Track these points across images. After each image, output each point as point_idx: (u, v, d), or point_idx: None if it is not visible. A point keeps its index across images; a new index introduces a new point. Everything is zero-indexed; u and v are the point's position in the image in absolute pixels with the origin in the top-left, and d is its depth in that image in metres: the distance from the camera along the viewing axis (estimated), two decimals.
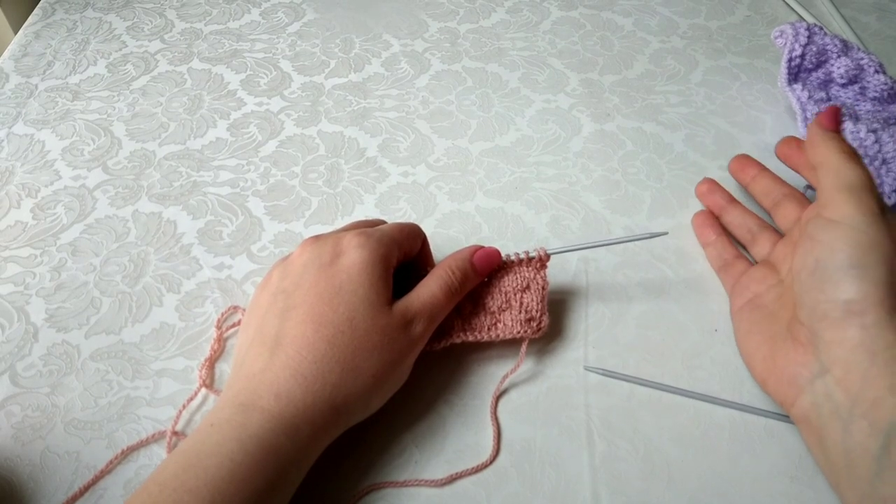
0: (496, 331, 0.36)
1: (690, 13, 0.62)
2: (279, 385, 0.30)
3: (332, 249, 0.33)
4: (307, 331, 0.31)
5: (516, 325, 0.36)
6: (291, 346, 0.31)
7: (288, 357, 0.31)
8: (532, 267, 0.37)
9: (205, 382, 0.36)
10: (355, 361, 0.31)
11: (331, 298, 0.32)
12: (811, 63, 0.49)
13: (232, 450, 0.28)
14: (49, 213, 0.45)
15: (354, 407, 0.32)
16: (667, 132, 0.51)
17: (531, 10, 0.62)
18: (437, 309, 0.34)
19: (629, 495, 0.33)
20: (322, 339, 0.31)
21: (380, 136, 0.50)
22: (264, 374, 0.31)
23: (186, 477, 0.27)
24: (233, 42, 0.58)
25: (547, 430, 0.35)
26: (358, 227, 0.38)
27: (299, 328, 0.31)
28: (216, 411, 0.30)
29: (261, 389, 0.30)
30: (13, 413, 0.36)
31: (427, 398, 0.36)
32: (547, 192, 0.47)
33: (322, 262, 0.33)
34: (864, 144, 0.43)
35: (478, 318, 0.37)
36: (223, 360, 0.38)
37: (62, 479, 0.33)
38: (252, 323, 0.34)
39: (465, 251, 0.37)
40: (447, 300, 0.35)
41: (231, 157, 0.49)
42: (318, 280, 0.32)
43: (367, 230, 0.35)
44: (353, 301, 0.32)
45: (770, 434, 0.35)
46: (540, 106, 0.53)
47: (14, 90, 0.54)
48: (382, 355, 0.32)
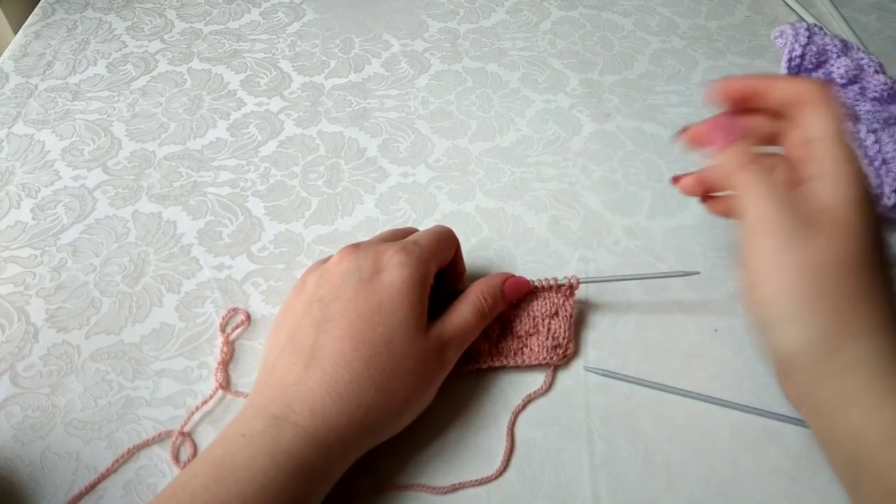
0: (522, 356, 0.37)
1: (690, 13, 0.62)
2: (314, 401, 0.30)
3: (373, 264, 0.33)
4: (345, 348, 0.31)
5: (542, 350, 0.37)
6: (328, 362, 0.30)
7: (324, 372, 0.30)
8: (561, 294, 0.38)
9: (221, 385, 0.36)
10: (390, 384, 0.31)
11: (370, 316, 0.31)
12: (811, 63, 0.49)
13: (265, 465, 0.28)
14: (49, 214, 0.45)
15: (384, 428, 0.32)
16: (667, 132, 0.51)
17: (531, 10, 0.62)
18: (468, 335, 0.35)
19: (629, 495, 0.33)
20: (359, 358, 0.30)
21: (380, 136, 0.50)
22: (298, 387, 0.30)
23: (218, 489, 0.27)
24: (233, 42, 0.58)
25: (547, 430, 0.35)
26: (395, 236, 0.37)
27: (336, 344, 0.31)
28: (247, 420, 0.30)
29: (295, 403, 0.30)
30: (13, 413, 0.36)
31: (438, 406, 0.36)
32: (547, 192, 0.47)
33: (362, 276, 0.32)
34: (864, 144, 0.43)
35: (505, 341, 0.37)
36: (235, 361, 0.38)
37: (62, 479, 0.33)
38: (284, 328, 0.33)
39: (497, 278, 0.36)
40: (478, 326, 0.35)
41: (231, 158, 0.49)
42: (358, 295, 0.32)
43: (407, 245, 0.34)
44: (392, 322, 0.31)
45: (770, 434, 0.35)
46: (540, 106, 0.53)
47: (14, 90, 0.54)
48: (416, 379, 0.32)
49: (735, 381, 0.37)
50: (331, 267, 0.34)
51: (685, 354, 0.38)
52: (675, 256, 0.43)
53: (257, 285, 0.41)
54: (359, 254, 0.33)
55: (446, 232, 0.37)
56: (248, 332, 0.39)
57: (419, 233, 0.37)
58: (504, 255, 0.43)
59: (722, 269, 0.42)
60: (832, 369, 0.28)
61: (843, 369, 0.28)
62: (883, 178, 0.42)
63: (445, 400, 0.35)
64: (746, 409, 0.36)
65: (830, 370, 0.28)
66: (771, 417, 0.35)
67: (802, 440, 0.34)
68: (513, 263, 0.42)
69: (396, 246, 0.34)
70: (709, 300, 0.41)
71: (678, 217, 0.45)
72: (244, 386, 0.37)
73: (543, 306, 0.37)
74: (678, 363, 0.38)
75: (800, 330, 0.29)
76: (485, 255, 0.43)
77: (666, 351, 0.38)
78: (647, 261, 0.42)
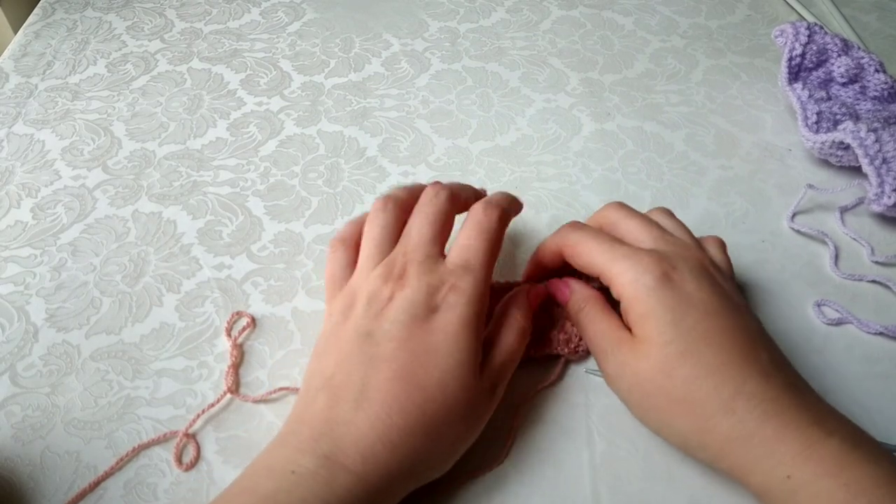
0: (540, 348, 0.37)
1: (691, 12, 0.62)
2: (366, 446, 0.28)
3: (427, 300, 0.31)
4: (398, 392, 0.29)
5: (556, 343, 0.37)
6: (380, 406, 0.29)
7: (376, 417, 0.29)
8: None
9: (230, 389, 0.36)
10: (441, 429, 0.30)
11: (426, 359, 0.30)
12: (811, 62, 0.49)
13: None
14: (49, 213, 0.45)
15: (431, 472, 0.31)
16: (667, 131, 0.51)
17: (531, 9, 0.62)
18: (515, 364, 0.34)
19: (629, 495, 0.33)
20: (413, 403, 0.29)
21: (380, 135, 0.50)
22: (348, 427, 0.29)
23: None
24: (233, 42, 0.58)
25: (547, 430, 0.35)
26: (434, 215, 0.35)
27: (388, 385, 0.29)
28: (294, 453, 0.29)
29: (345, 445, 0.29)
30: (13, 413, 0.36)
31: None
32: (547, 191, 0.47)
33: (416, 314, 0.31)
34: (864, 144, 0.43)
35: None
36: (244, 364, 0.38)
37: (62, 479, 0.33)
38: (331, 357, 0.32)
39: (522, 296, 0.36)
40: (521, 350, 0.34)
41: (231, 157, 0.49)
42: (413, 336, 0.30)
43: (463, 281, 0.32)
44: (448, 364, 0.30)
45: None
46: (540, 105, 0.53)
47: (14, 90, 0.54)
48: (468, 423, 0.31)
49: None
50: (381, 299, 0.32)
51: None
52: None
53: (257, 285, 0.41)
54: (412, 286, 0.32)
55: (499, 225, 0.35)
56: (253, 335, 0.39)
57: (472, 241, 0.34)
58: (504, 254, 0.43)
59: None
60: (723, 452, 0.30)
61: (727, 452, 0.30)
62: (883, 177, 0.42)
63: None
64: None
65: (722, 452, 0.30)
66: None
67: None
68: (513, 263, 0.42)
69: (451, 279, 0.32)
70: None
71: (678, 216, 0.45)
72: (247, 388, 0.37)
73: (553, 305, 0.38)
74: None
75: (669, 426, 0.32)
76: None
77: None
78: None
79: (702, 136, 0.50)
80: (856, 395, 0.36)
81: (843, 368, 0.37)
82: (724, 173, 0.48)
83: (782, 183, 0.47)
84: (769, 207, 0.46)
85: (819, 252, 0.43)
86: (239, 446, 0.34)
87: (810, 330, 0.39)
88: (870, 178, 0.43)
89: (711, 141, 0.50)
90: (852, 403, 0.36)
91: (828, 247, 0.43)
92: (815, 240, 0.44)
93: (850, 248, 0.43)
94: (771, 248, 0.43)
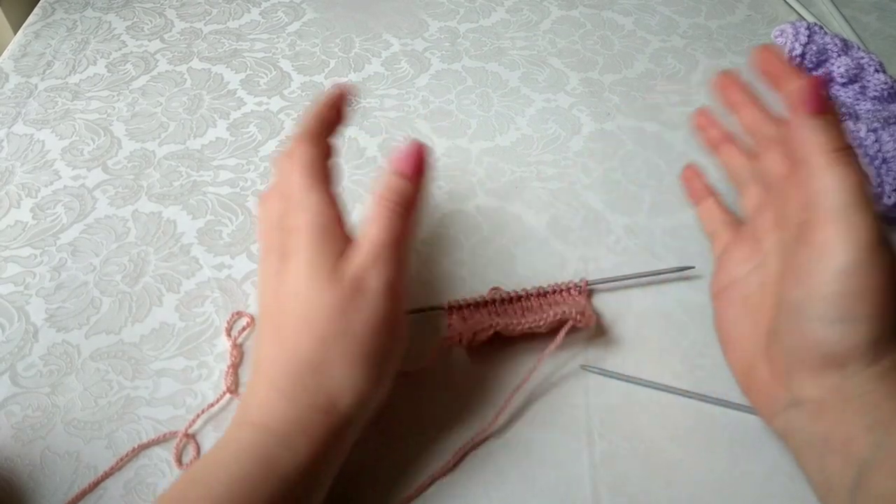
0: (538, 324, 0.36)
1: (691, 12, 0.62)
2: (262, 398, 0.30)
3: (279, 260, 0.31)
4: (265, 334, 0.31)
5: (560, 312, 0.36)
6: (265, 363, 0.30)
7: (256, 368, 0.31)
8: (572, 295, 0.39)
9: (230, 388, 0.36)
10: (322, 355, 0.29)
11: (281, 300, 0.30)
12: (811, 62, 0.49)
13: (229, 464, 0.28)
14: (49, 213, 0.45)
15: (347, 405, 0.29)
16: (667, 131, 0.51)
17: (531, 9, 0.62)
18: (386, 249, 0.29)
19: (629, 495, 0.33)
20: (272, 329, 0.30)
21: (380, 135, 0.50)
22: (252, 389, 0.31)
23: (191, 494, 0.27)
24: (232, 41, 0.58)
25: (547, 430, 0.35)
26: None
27: (266, 347, 0.31)
28: (226, 431, 0.30)
29: (250, 405, 0.30)
30: (13, 413, 0.36)
31: (428, 397, 0.36)
32: (547, 191, 0.47)
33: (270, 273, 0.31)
34: (864, 144, 0.43)
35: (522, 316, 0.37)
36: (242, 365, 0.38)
37: (62, 479, 0.33)
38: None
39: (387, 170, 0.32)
40: (394, 232, 0.30)
41: (231, 157, 0.49)
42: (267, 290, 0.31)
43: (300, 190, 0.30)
44: (297, 271, 0.29)
45: (770, 434, 0.35)
46: (540, 105, 0.53)
47: (14, 90, 0.54)
48: (348, 338, 0.29)
49: (735, 381, 0.37)
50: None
51: (685, 354, 0.38)
52: (675, 256, 0.43)
53: (257, 285, 0.41)
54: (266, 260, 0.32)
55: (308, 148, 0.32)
56: (253, 335, 0.39)
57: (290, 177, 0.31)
58: (504, 254, 0.43)
59: None
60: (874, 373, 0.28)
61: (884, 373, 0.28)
62: (883, 177, 0.42)
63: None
64: (746, 410, 0.36)
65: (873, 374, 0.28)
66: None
67: None
68: (513, 263, 0.42)
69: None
70: (709, 300, 0.40)
71: (678, 216, 0.45)
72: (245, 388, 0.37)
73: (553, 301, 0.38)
74: (678, 363, 0.38)
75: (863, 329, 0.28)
76: (485, 254, 0.43)
77: (666, 351, 0.38)
78: (647, 260, 0.42)
79: None
80: None
81: None
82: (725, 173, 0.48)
83: None
84: None
85: None
86: None
87: None
88: (870, 178, 0.43)
89: None
90: None
91: None
92: None
93: None
94: None
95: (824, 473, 0.29)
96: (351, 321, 0.29)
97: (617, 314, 0.40)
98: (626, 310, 0.40)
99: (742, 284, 0.34)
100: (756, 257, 0.34)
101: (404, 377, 0.37)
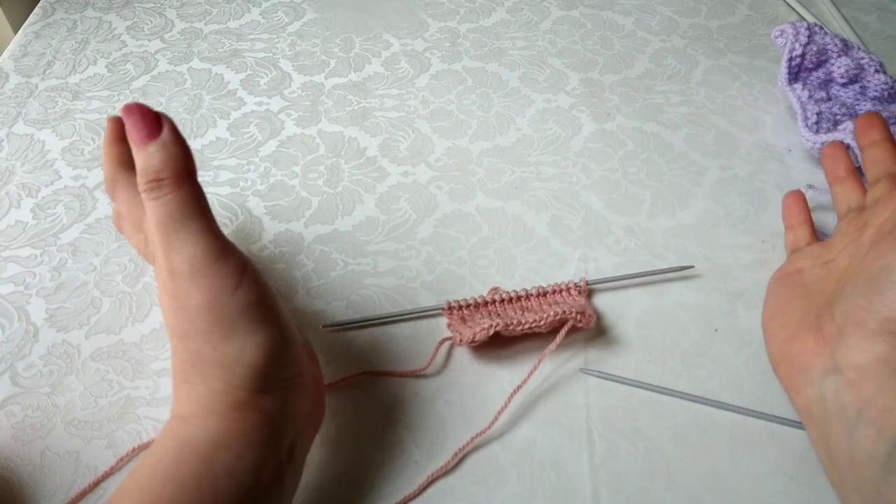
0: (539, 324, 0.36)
1: (691, 12, 0.62)
2: (176, 394, 0.29)
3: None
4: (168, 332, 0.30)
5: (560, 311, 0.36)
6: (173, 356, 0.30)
7: (172, 365, 0.30)
8: (572, 295, 0.39)
9: None
10: (196, 326, 0.28)
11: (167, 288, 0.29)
12: (811, 62, 0.49)
13: (154, 453, 0.28)
14: (49, 213, 0.45)
15: (245, 367, 0.28)
16: (667, 132, 0.51)
17: (531, 9, 0.62)
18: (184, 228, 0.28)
19: (629, 495, 0.33)
20: (169, 328, 0.29)
21: (380, 135, 0.50)
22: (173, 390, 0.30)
23: (125, 483, 0.27)
24: (233, 41, 0.58)
25: (547, 430, 0.35)
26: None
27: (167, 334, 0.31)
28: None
29: (172, 405, 0.30)
30: (13, 413, 0.36)
31: (428, 397, 0.36)
32: (547, 191, 0.47)
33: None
34: None
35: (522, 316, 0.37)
36: None
37: (62, 478, 0.33)
38: None
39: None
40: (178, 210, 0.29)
41: (231, 157, 0.49)
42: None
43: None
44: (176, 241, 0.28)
45: (770, 434, 0.35)
46: (540, 105, 0.53)
47: (14, 90, 0.54)
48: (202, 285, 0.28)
49: (735, 380, 0.37)
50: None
51: (685, 354, 0.38)
52: (675, 256, 0.43)
53: None
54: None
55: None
56: None
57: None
58: (504, 254, 0.43)
59: (722, 269, 0.42)
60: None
61: None
62: None
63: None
64: (745, 412, 0.35)
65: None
66: (771, 420, 0.35)
67: (802, 441, 0.34)
68: (513, 263, 0.42)
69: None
70: (709, 300, 0.41)
71: (678, 216, 0.45)
72: None
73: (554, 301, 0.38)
74: (678, 363, 0.38)
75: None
76: (485, 254, 0.43)
77: (666, 351, 0.38)
78: (647, 260, 0.42)
79: (702, 137, 0.50)
80: None
81: None
82: (724, 173, 0.48)
83: (782, 183, 0.47)
84: (769, 207, 0.46)
85: None
86: None
87: None
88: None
89: (711, 141, 0.50)
90: None
91: None
92: None
93: None
94: (771, 248, 0.43)
95: (853, 445, 0.29)
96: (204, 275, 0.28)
97: (617, 314, 0.40)
98: (626, 310, 0.40)
99: (803, 274, 0.37)
100: (825, 255, 0.37)
101: (405, 378, 0.37)
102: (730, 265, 0.42)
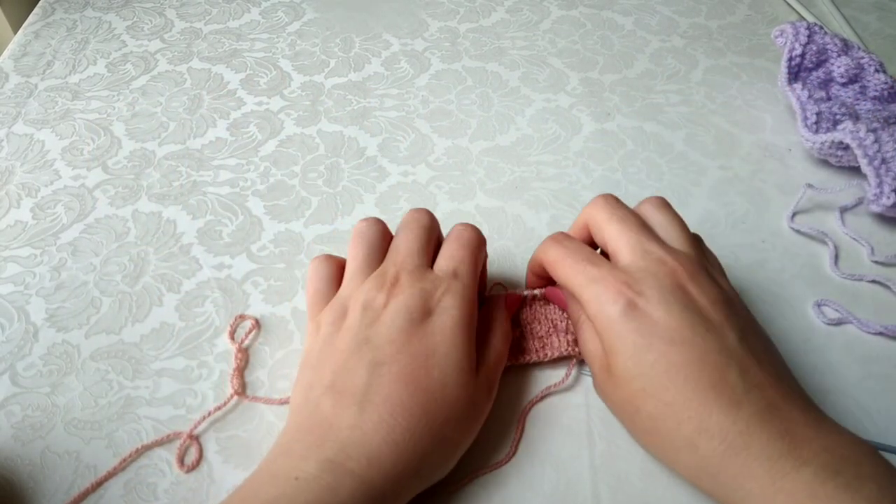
0: (545, 352, 0.37)
1: (691, 12, 0.62)
2: (371, 449, 0.28)
3: (423, 305, 0.32)
4: (402, 394, 0.29)
5: (563, 344, 0.37)
6: (384, 408, 0.29)
7: (381, 419, 0.29)
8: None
9: (237, 391, 0.36)
10: (444, 431, 0.30)
11: (425, 360, 0.30)
12: (811, 62, 0.49)
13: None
14: (49, 213, 0.45)
15: (435, 473, 0.31)
16: (667, 131, 0.51)
17: (531, 9, 0.62)
18: (503, 365, 0.35)
19: (629, 495, 0.33)
20: (417, 404, 0.29)
21: (380, 135, 0.50)
22: (353, 431, 0.29)
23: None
24: (232, 41, 0.58)
25: (547, 430, 0.35)
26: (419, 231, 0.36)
27: (391, 387, 0.30)
28: (297, 460, 0.29)
29: (350, 449, 0.28)
30: (13, 413, 0.36)
31: None
32: (547, 191, 0.47)
33: (413, 318, 0.31)
34: (863, 144, 0.43)
35: (527, 342, 0.37)
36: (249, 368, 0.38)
37: (62, 478, 0.33)
38: (327, 366, 0.31)
39: (501, 301, 0.37)
40: (507, 351, 0.36)
41: (231, 157, 0.49)
42: (411, 339, 0.31)
43: (453, 285, 0.33)
44: (446, 364, 0.31)
45: None
46: (540, 105, 0.53)
47: (14, 90, 0.54)
48: (468, 424, 0.32)
49: None
50: (376, 306, 0.32)
51: None
52: None
53: (257, 284, 0.41)
54: (406, 293, 0.32)
55: (479, 241, 0.36)
56: (256, 337, 0.39)
57: (457, 252, 0.35)
58: (504, 254, 0.43)
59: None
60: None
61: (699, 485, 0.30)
62: (883, 177, 0.42)
63: None
64: None
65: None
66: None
67: None
68: (513, 263, 0.42)
69: (443, 285, 0.33)
70: None
71: None
72: (248, 388, 0.37)
73: (558, 309, 0.38)
74: None
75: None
76: None
77: None
78: None
79: (702, 136, 0.50)
80: (855, 395, 0.36)
81: (843, 368, 0.37)
82: (724, 173, 0.48)
83: (782, 183, 0.47)
84: (769, 207, 0.46)
85: (819, 252, 0.43)
86: (239, 446, 0.34)
87: (810, 330, 0.39)
88: (869, 178, 0.43)
89: (711, 141, 0.50)
90: (852, 403, 0.36)
91: (828, 247, 0.43)
92: (814, 240, 0.44)
93: (849, 247, 0.43)
94: (771, 248, 0.43)
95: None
96: (474, 412, 0.32)
97: None
98: None
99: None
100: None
101: None
102: (730, 265, 0.42)
